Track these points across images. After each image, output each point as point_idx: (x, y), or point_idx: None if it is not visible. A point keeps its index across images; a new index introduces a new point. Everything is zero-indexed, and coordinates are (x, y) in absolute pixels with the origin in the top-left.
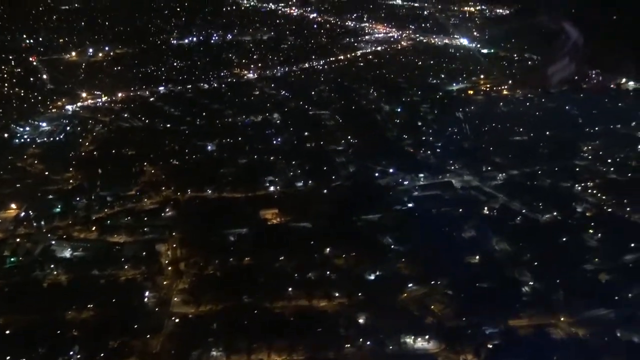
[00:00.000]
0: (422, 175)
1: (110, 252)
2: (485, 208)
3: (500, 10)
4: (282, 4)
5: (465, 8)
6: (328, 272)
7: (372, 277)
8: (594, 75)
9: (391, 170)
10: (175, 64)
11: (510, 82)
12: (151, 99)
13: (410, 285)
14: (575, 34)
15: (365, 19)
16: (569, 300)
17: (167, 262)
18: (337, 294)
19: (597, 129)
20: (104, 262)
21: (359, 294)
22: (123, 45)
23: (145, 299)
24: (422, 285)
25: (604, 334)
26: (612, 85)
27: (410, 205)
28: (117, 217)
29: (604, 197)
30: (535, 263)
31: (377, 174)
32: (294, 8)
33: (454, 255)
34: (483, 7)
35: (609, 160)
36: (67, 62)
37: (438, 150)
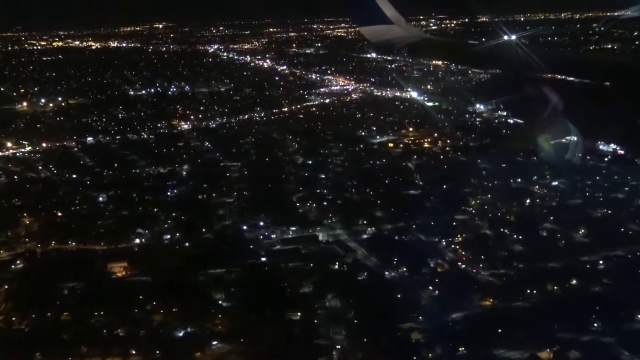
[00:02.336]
0: (293, 228)
1: None
2: (337, 264)
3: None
4: (259, 57)
5: (434, 62)
6: (140, 329)
7: (181, 333)
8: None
9: (261, 224)
10: (119, 115)
11: (435, 135)
12: (74, 150)
13: (214, 342)
14: (555, 98)
15: (330, 72)
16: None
17: None
18: (134, 352)
19: (496, 182)
20: None
21: (157, 352)
22: (79, 96)
23: None
24: (227, 343)
25: None
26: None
27: (263, 259)
28: None
29: (463, 253)
30: (355, 321)
31: (245, 227)
32: (267, 61)
33: (275, 313)
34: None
35: (490, 215)
36: (14, 112)
37: (324, 203)
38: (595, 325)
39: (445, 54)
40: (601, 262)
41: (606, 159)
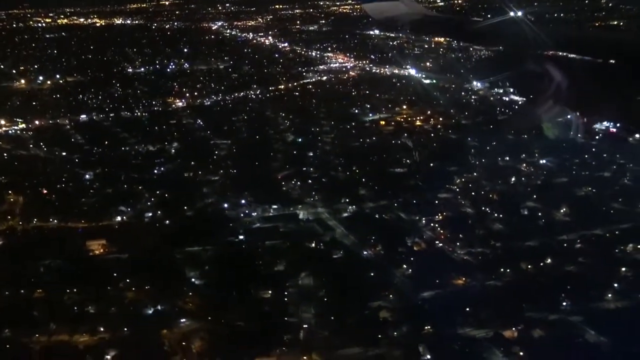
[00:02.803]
0: (275, 206)
1: None
2: (314, 242)
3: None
4: (261, 34)
5: (436, 39)
6: (111, 306)
7: (151, 311)
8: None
9: (243, 202)
10: (115, 93)
11: (429, 112)
12: (66, 127)
13: (183, 320)
14: (558, 76)
15: (330, 49)
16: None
17: None
18: (102, 329)
19: (484, 161)
20: None
21: (125, 329)
22: (77, 74)
23: None
24: (195, 321)
25: None
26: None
27: (241, 237)
28: None
29: (442, 232)
30: (325, 299)
31: (226, 205)
32: (270, 38)
33: (246, 290)
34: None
35: (473, 194)
36: (11, 89)
37: (309, 181)
38: (564, 304)
39: (447, 31)
40: (578, 240)
41: (597, 137)
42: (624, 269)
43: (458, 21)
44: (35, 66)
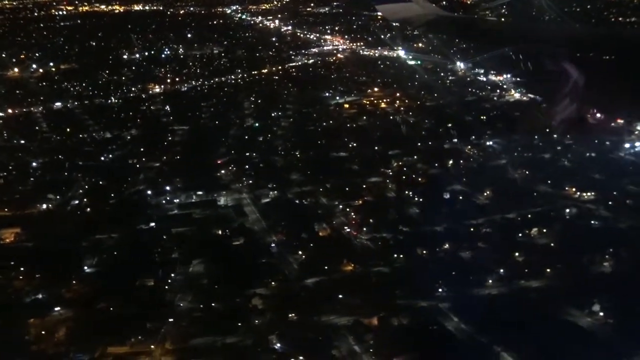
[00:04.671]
0: (199, 193)
1: None
2: (221, 229)
3: None
4: (270, 17)
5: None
6: None
7: (29, 300)
8: (595, 115)
9: (168, 188)
10: (100, 79)
11: (398, 94)
12: (36, 116)
13: (57, 309)
14: (575, 73)
15: (331, 32)
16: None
17: None
18: None
19: (430, 143)
20: None
21: None
22: (72, 62)
23: None
24: (69, 309)
25: None
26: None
27: (152, 225)
28: None
29: (354, 217)
30: (207, 287)
31: (152, 192)
32: (276, 22)
33: (132, 279)
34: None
35: (403, 177)
36: (1, 79)
37: (246, 167)
38: (440, 291)
39: (460, 31)
40: (486, 225)
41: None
42: (517, 254)
43: (469, 21)
44: (37, 54)
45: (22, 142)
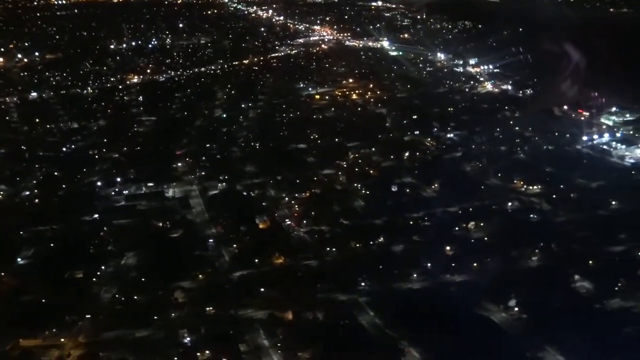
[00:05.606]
0: (150, 184)
1: None
2: (162, 221)
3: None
4: (265, 7)
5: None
6: None
7: None
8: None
9: (119, 180)
10: (82, 70)
11: (371, 85)
12: (9, 106)
13: None
14: (576, 56)
15: (321, 22)
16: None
17: None
18: None
19: (391, 135)
20: None
21: None
22: (59, 52)
23: None
24: None
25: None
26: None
27: (95, 216)
28: None
29: (297, 209)
30: (134, 278)
31: (102, 183)
32: (270, 12)
33: (62, 271)
34: None
35: (356, 169)
36: None
37: (203, 158)
38: (363, 285)
39: (462, 13)
40: (427, 218)
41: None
42: (448, 247)
43: (471, 2)
44: (26, 44)
45: None
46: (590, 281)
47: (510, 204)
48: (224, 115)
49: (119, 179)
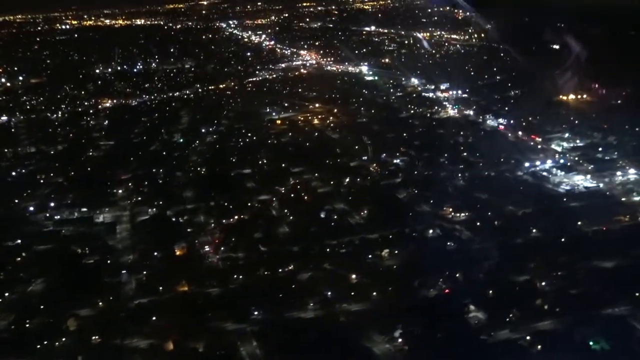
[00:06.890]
0: (84, 209)
1: None
2: (81, 247)
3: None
4: (259, 32)
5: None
6: None
7: None
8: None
9: (52, 204)
10: (60, 94)
11: (336, 110)
12: None
13: None
14: (577, 48)
15: (309, 47)
16: None
17: None
18: None
19: (338, 160)
20: None
21: None
22: (44, 76)
23: None
24: None
25: None
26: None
27: (18, 241)
28: None
29: (217, 235)
30: (42, 306)
31: (34, 208)
32: (263, 37)
33: None
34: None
35: (291, 195)
36: None
37: (145, 183)
38: (256, 313)
39: None
40: (344, 245)
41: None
42: (354, 275)
43: None
44: (15, 68)
45: None
46: (484, 311)
47: (431, 231)
48: (181, 140)
49: (53, 204)
